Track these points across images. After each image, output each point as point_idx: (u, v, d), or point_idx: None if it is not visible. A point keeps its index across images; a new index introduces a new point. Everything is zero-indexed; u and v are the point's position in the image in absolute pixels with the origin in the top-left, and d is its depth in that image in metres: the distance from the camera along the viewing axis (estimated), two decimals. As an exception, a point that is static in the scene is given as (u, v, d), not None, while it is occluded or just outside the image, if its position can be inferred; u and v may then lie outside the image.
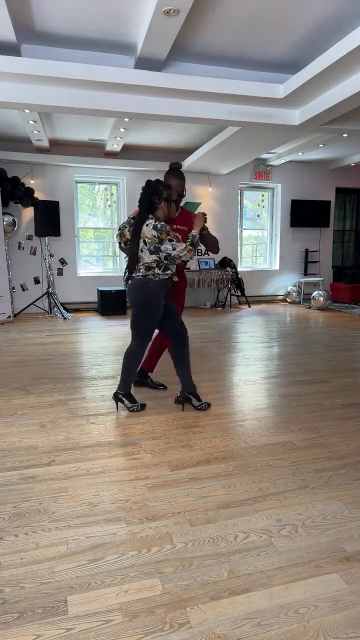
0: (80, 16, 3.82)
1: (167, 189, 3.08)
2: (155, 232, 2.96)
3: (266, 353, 5.07)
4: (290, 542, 1.82)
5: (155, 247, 3.00)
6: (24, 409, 3.33)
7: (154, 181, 3.06)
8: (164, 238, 2.97)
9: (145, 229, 2.99)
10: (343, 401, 3.48)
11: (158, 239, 2.97)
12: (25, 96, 4.50)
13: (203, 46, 4.32)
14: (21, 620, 1.45)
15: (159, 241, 2.97)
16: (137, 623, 1.43)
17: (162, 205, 3.07)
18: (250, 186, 9.46)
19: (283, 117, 5.23)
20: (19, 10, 3.74)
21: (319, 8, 3.68)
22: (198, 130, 6.92)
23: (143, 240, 3.01)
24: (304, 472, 2.37)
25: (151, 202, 3.04)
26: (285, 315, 7.82)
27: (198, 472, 2.37)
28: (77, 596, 1.54)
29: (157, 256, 3.02)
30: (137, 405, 3.25)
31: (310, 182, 9.58)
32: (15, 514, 2.01)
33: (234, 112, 5.01)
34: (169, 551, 1.76)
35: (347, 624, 1.43)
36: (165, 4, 3.33)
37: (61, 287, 8.35)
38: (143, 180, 8.52)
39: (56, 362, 4.69)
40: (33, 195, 7.85)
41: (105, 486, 2.25)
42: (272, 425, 3.00)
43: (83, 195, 8.71)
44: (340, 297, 9.21)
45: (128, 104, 4.72)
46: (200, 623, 1.43)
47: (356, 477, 2.33)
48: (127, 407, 3.25)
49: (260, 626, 1.42)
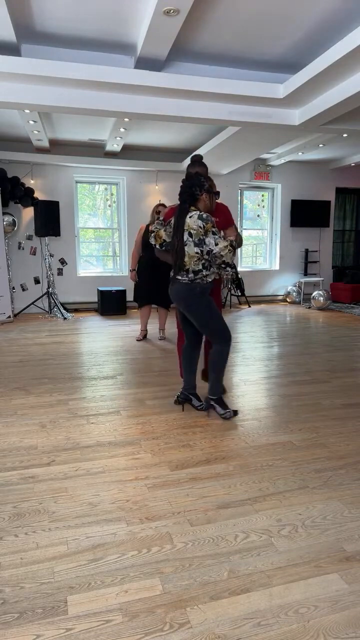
0: (81, 16, 3.82)
1: (207, 180, 2.96)
2: (201, 222, 2.83)
3: (266, 353, 5.07)
4: (290, 542, 1.82)
5: (200, 240, 2.86)
6: (24, 409, 3.33)
7: (194, 173, 2.95)
8: (209, 229, 2.84)
9: (190, 220, 2.86)
10: (343, 401, 3.48)
11: (203, 229, 2.83)
12: (25, 96, 4.50)
13: (203, 46, 4.32)
14: (21, 620, 1.45)
15: (204, 232, 2.84)
16: (137, 623, 1.43)
17: (204, 196, 2.95)
18: (250, 186, 9.46)
19: (283, 117, 5.23)
20: (19, 10, 3.74)
21: (319, 8, 3.68)
22: (198, 130, 6.92)
23: (188, 232, 2.86)
24: (304, 472, 2.37)
25: (193, 194, 2.92)
26: (285, 315, 7.82)
27: (198, 472, 2.37)
28: (77, 596, 1.54)
29: (200, 249, 2.88)
30: (230, 412, 3.09)
31: (310, 182, 9.58)
32: (15, 514, 2.01)
33: (234, 112, 5.01)
34: (169, 551, 1.76)
35: (347, 624, 1.43)
36: (165, 4, 3.33)
37: (61, 287, 8.35)
38: (143, 180, 8.55)
39: (56, 362, 4.69)
40: (33, 195, 7.85)
41: (105, 486, 2.25)
42: (272, 425, 3.00)
43: (83, 195, 8.71)
44: (340, 297, 9.21)
45: (128, 104, 4.72)
46: (200, 623, 1.43)
47: (356, 477, 2.33)
48: (219, 414, 3.10)
49: (260, 626, 1.42)
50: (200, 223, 2.83)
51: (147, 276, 5.52)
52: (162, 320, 5.87)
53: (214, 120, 5.09)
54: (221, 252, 2.83)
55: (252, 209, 9.72)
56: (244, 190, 9.48)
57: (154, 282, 5.50)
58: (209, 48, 4.36)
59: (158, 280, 5.47)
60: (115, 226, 8.84)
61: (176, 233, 2.93)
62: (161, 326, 5.90)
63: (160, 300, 5.67)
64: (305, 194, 9.57)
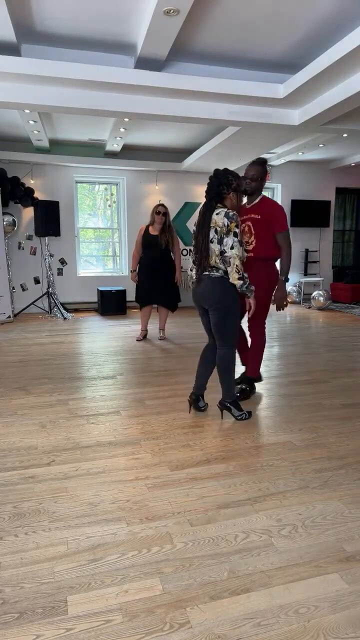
0: (80, 16, 3.82)
1: (236, 178, 2.93)
2: (227, 219, 2.79)
3: (266, 353, 5.07)
4: (290, 542, 1.82)
5: (222, 237, 2.82)
6: (24, 409, 3.33)
7: (222, 170, 2.92)
8: (232, 229, 2.78)
9: (217, 217, 2.82)
10: (343, 401, 3.48)
11: (227, 227, 2.79)
12: (25, 96, 4.50)
13: (203, 46, 4.32)
14: (21, 620, 1.45)
15: (227, 231, 2.79)
16: (137, 623, 1.43)
17: (231, 195, 2.92)
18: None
19: (283, 117, 5.23)
20: (19, 10, 3.74)
21: (319, 8, 3.68)
22: (198, 130, 6.92)
23: (214, 229, 2.83)
24: (304, 472, 2.37)
25: (220, 193, 2.90)
26: (285, 315, 7.82)
27: (198, 472, 2.37)
28: (77, 596, 1.54)
29: (221, 247, 2.82)
30: (244, 414, 3.10)
31: (310, 182, 9.58)
32: (15, 514, 2.01)
33: (234, 112, 5.01)
34: (169, 551, 1.76)
35: (347, 624, 1.43)
36: (165, 4, 3.33)
37: (61, 287, 8.35)
38: (143, 180, 8.55)
39: (56, 362, 4.69)
40: (33, 195, 7.85)
41: (105, 486, 2.25)
42: (272, 425, 3.00)
43: (83, 195, 8.71)
44: (340, 297, 9.21)
45: (128, 104, 4.72)
46: (200, 623, 1.43)
47: (356, 477, 2.33)
48: (234, 416, 3.09)
49: (260, 626, 1.42)
50: (226, 221, 2.79)
51: (147, 277, 5.52)
52: (163, 320, 5.86)
53: (214, 120, 5.09)
54: (231, 259, 2.78)
55: (252, 209, 9.72)
56: (244, 190, 9.47)
57: (155, 282, 5.51)
58: (209, 48, 4.36)
59: (159, 281, 5.51)
60: (115, 226, 8.84)
61: (201, 230, 2.89)
62: (161, 326, 5.88)
63: (162, 300, 5.66)
64: (305, 194, 9.57)
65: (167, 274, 5.54)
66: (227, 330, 2.96)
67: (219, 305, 2.90)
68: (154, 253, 5.46)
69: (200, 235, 2.89)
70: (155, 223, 5.47)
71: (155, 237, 5.43)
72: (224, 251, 2.80)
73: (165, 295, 5.62)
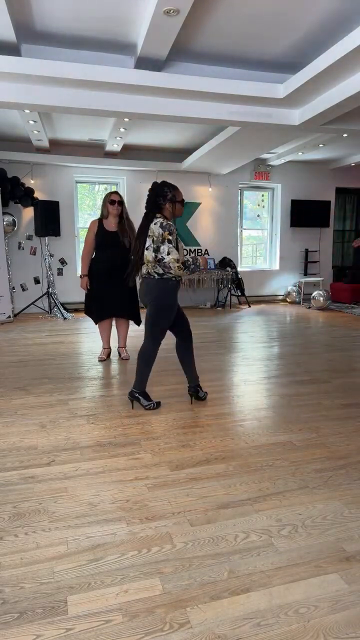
0: (80, 16, 3.82)
1: (172, 190, 3.16)
2: (161, 229, 3.04)
3: (266, 353, 5.07)
4: (290, 542, 1.82)
5: (158, 247, 3.06)
6: (24, 409, 3.33)
7: (159, 183, 3.16)
8: (166, 237, 3.03)
9: (154, 227, 3.07)
10: (343, 401, 3.48)
11: (161, 236, 3.04)
12: (25, 96, 4.50)
13: (203, 46, 4.32)
14: (21, 620, 1.45)
15: (162, 240, 3.04)
16: (137, 623, 1.43)
17: (167, 205, 3.15)
18: (250, 186, 9.46)
19: (283, 117, 5.22)
20: (19, 10, 3.74)
21: (319, 8, 3.67)
22: (198, 130, 6.92)
23: (152, 238, 3.07)
24: (304, 472, 2.37)
25: (157, 203, 3.14)
26: (285, 315, 7.82)
27: (198, 472, 2.37)
28: (77, 596, 1.54)
29: (157, 255, 3.07)
30: (152, 403, 3.30)
31: (310, 182, 9.58)
32: (15, 514, 2.01)
33: (234, 112, 5.01)
34: (169, 551, 1.76)
35: (347, 624, 1.43)
36: (165, 4, 3.33)
37: (61, 287, 8.35)
38: (143, 180, 8.55)
39: (56, 362, 4.69)
40: (33, 195, 7.85)
41: (105, 486, 2.25)
42: (272, 425, 3.00)
43: (83, 195, 8.71)
44: (340, 297, 9.21)
45: (128, 104, 4.72)
46: (200, 623, 1.43)
47: (356, 477, 2.33)
48: (143, 405, 3.31)
49: (260, 626, 1.42)
50: (160, 231, 3.04)
51: (105, 283, 4.44)
52: (124, 337, 4.79)
53: (214, 120, 5.09)
54: (169, 264, 3.01)
55: (252, 209, 9.73)
56: (244, 190, 9.48)
57: (115, 290, 4.41)
58: (209, 48, 4.36)
59: (119, 288, 4.38)
60: (115, 226, 8.82)
61: (140, 237, 3.15)
62: (122, 344, 4.81)
63: (125, 313, 4.57)
64: (305, 194, 9.57)
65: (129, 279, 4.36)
66: (156, 327, 3.18)
67: (155, 302, 3.14)
68: (113, 254, 4.40)
69: (138, 241, 3.16)
70: (110, 216, 4.44)
71: (114, 234, 4.42)
72: (162, 258, 3.04)
73: (127, 306, 4.54)
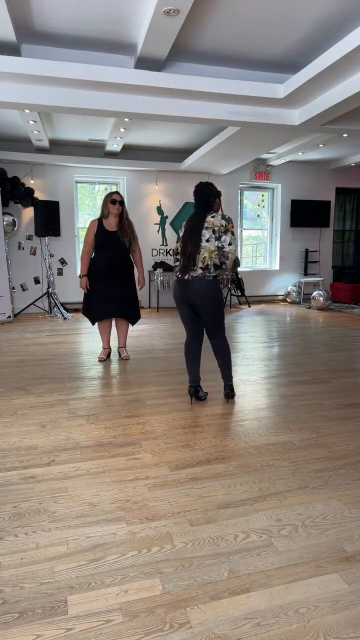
0: (80, 16, 3.82)
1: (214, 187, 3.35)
2: (224, 221, 3.19)
3: (266, 353, 5.07)
4: (290, 542, 1.82)
5: (220, 235, 3.17)
6: (24, 409, 3.33)
7: (203, 183, 3.31)
8: (229, 229, 3.19)
9: (214, 219, 3.19)
10: (343, 401, 3.48)
11: (224, 227, 3.17)
12: (25, 96, 4.50)
13: (203, 46, 4.32)
14: (21, 620, 1.45)
15: (225, 230, 3.17)
16: (137, 623, 1.43)
17: (217, 201, 3.32)
18: (250, 186, 9.46)
19: (283, 117, 5.23)
20: (19, 10, 3.74)
21: (319, 8, 3.68)
22: (198, 130, 6.92)
23: (211, 229, 3.17)
24: (304, 472, 2.37)
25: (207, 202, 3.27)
26: (285, 315, 7.82)
27: (198, 472, 2.37)
28: (77, 596, 1.54)
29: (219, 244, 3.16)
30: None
31: (310, 182, 9.58)
32: (15, 514, 2.01)
33: (234, 112, 5.01)
34: (169, 551, 1.76)
35: (347, 624, 1.43)
36: (165, 4, 3.33)
37: (61, 287, 8.35)
38: (143, 180, 8.55)
39: (56, 362, 4.69)
40: (33, 195, 7.85)
41: (105, 486, 2.25)
42: (272, 425, 3.00)
43: (83, 195, 8.71)
44: (340, 297, 9.21)
45: (128, 104, 4.72)
46: (200, 623, 1.43)
47: (356, 477, 2.33)
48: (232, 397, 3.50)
49: (260, 626, 1.42)
50: (224, 222, 3.19)
51: (104, 283, 4.49)
52: (123, 336, 4.81)
53: (214, 120, 5.09)
54: (229, 253, 3.17)
55: (252, 209, 9.72)
56: (244, 190, 9.48)
57: (113, 290, 4.50)
58: (209, 48, 4.36)
59: (118, 288, 4.51)
60: (115, 226, 8.82)
61: (192, 237, 3.19)
62: (122, 344, 4.83)
63: (123, 312, 4.60)
64: (305, 194, 9.57)
65: (127, 279, 4.57)
66: (221, 321, 3.34)
67: (212, 301, 3.24)
68: (112, 253, 4.48)
69: (190, 241, 3.20)
70: (110, 215, 4.48)
71: (113, 233, 4.47)
72: (222, 246, 3.16)
73: (127, 305, 4.60)
